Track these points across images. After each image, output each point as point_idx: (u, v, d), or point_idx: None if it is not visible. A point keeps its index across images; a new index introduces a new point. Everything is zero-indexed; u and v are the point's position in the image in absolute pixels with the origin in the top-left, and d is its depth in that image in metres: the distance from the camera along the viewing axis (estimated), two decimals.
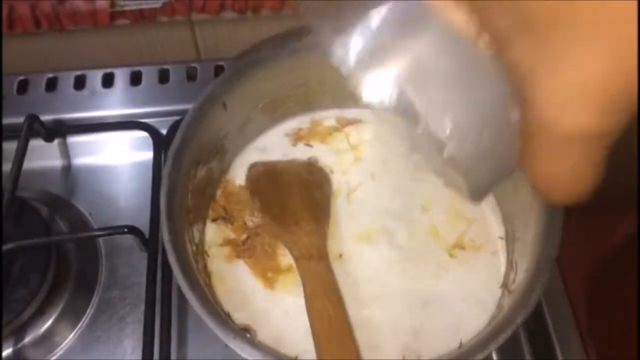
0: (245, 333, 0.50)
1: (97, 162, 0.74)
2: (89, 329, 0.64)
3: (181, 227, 0.52)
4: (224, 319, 0.47)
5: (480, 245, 0.60)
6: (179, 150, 0.53)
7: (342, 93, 0.66)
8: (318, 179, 0.63)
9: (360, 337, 0.52)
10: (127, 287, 0.66)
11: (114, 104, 0.76)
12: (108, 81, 0.78)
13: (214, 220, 0.61)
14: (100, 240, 0.68)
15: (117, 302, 0.65)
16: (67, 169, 0.74)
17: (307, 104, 0.67)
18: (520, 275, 0.52)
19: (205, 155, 0.57)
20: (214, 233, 0.60)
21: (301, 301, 0.53)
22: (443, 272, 0.58)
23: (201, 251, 0.58)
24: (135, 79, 0.78)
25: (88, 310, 0.65)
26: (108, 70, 0.77)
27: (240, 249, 0.58)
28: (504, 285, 0.56)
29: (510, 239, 0.59)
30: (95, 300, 0.66)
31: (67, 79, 0.78)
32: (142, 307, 0.61)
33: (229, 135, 0.61)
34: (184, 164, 0.53)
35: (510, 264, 0.57)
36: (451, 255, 0.59)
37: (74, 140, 0.74)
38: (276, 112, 0.65)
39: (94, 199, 0.71)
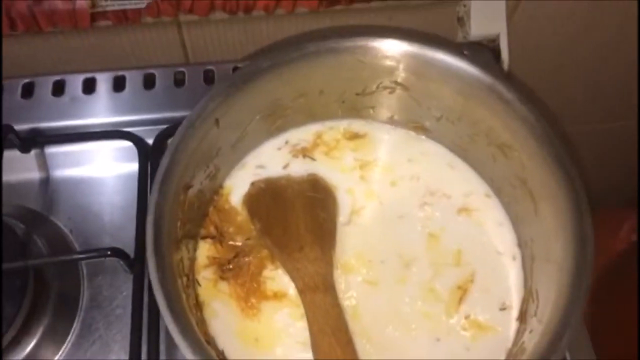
0: None
1: (77, 174, 0.68)
2: (70, 357, 0.58)
3: (169, 261, 0.46)
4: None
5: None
6: (167, 175, 0.48)
7: (349, 103, 0.60)
8: (323, 197, 0.58)
9: None
10: (112, 311, 0.61)
11: (96, 112, 0.71)
12: (89, 87, 0.72)
13: (204, 238, 0.56)
14: (82, 265, 0.63)
15: (101, 327, 0.60)
16: (46, 182, 0.68)
17: (309, 115, 0.62)
18: (546, 309, 0.47)
19: (195, 178, 0.52)
20: (204, 254, 0.56)
21: (300, 332, 0.48)
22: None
23: (192, 281, 0.53)
24: (119, 85, 0.72)
25: (69, 337, 0.59)
26: (89, 75, 0.73)
27: (225, 268, 0.54)
28: (521, 318, 0.51)
29: (527, 265, 0.54)
30: (77, 325, 0.60)
31: (45, 85, 0.72)
32: (129, 334, 0.56)
33: (222, 153, 0.56)
34: (172, 190, 0.48)
35: (529, 293, 0.52)
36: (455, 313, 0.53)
37: (52, 150, 0.68)
38: (274, 125, 0.60)
39: (74, 215, 0.66)
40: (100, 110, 0.70)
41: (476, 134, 0.57)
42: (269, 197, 0.58)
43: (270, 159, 0.61)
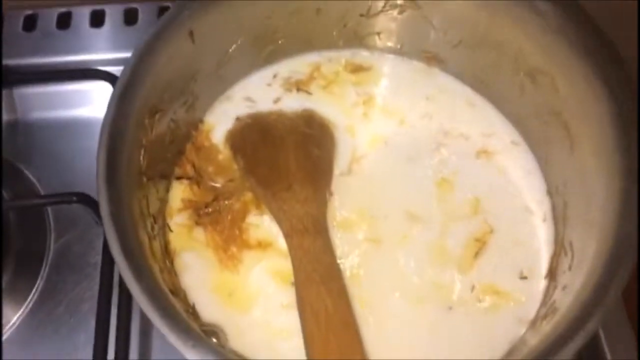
0: (210, 338, 0.37)
1: (49, 117, 0.61)
2: (31, 318, 0.52)
3: (128, 194, 0.39)
4: (180, 319, 0.34)
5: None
6: (127, 91, 0.40)
7: (351, 28, 0.52)
8: (318, 134, 0.50)
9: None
10: (81, 269, 0.54)
11: (71, 49, 0.64)
12: (64, 22, 0.65)
13: (179, 179, 0.48)
14: (49, 211, 0.56)
15: (68, 286, 0.53)
16: (14, 126, 0.61)
17: (304, 43, 0.53)
18: (583, 263, 0.38)
19: (165, 101, 0.44)
20: (178, 196, 0.48)
21: (284, 292, 0.41)
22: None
23: (161, 225, 0.45)
24: (97, 20, 0.65)
25: (31, 296, 0.53)
26: (64, 10, 0.66)
27: (202, 212, 0.46)
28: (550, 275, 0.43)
29: (559, 215, 0.46)
30: (40, 283, 0.53)
31: (16, 19, 0.65)
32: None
33: (200, 77, 0.48)
34: (133, 111, 0.40)
35: (561, 247, 0.44)
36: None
37: (22, 91, 0.62)
38: (264, 51, 0.52)
39: (44, 162, 0.59)
40: (76, 47, 0.64)
41: (501, 61, 0.48)
42: (255, 134, 0.50)
43: (259, 92, 0.53)
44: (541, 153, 0.48)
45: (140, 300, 0.34)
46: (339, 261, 0.44)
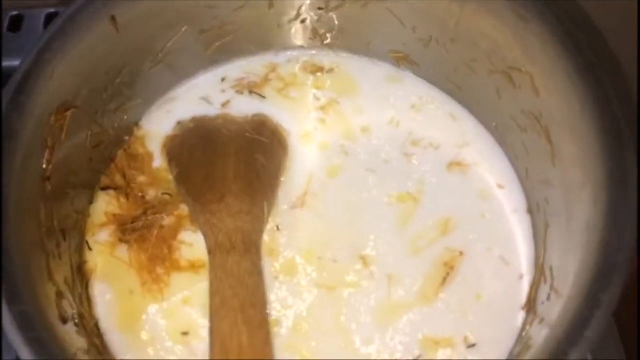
0: None
1: None
2: None
3: (21, 202, 0.32)
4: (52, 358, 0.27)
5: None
6: (27, 81, 0.33)
7: (309, 25, 0.46)
8: (269, 141, 0.44)
9: None
10: None
11: None
12: None
13: (105, 189, 0.42)
14: None
15: None
16: None
17: (258, 41, 0.48)
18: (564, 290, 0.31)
19: (82, 98, 0.38)
20: (101, 209, 0.42)
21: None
22: None
23: (77, 242, 0.39)
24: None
25: None
26: None
27: (128, 228, 0.40)
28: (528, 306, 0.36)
29: (540, 236, 0.39)
30: None
31: None
32: None
33: (132, 74, 0.42)
34: (34, 104, 0.34)
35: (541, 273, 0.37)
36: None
37: None
38: (211, 48, 0.46)
39: None
40: None
41: (476, 60, 0.42)
42: (196, 139, 0.44)
43: (206, 94, 0.47)
44: (521, 165, 0.42)
45: (8, 329, 0.27)
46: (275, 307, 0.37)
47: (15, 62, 0.54)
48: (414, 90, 0.47)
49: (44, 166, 0.35)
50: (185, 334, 0.37)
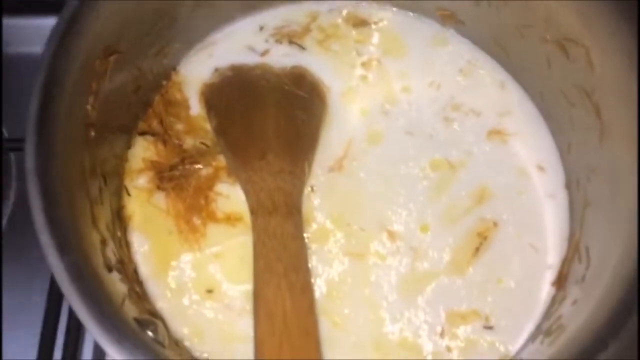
0: (146, 330, 0.31)
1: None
2: None
3: (67, 149, 0.32)
4: (107, 306, 0.28)
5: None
6: (72, 26, 0.33)
7: None
8: (308, 96, 0.43)
9: None
10: None
11: None
12: None
13: (142, 134, 0.42)
14: (12, 157, 0.50)
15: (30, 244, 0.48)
16: None
17: None
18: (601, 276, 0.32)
19: (126, 42, 0.37)
20: (139, 155, 0.42)
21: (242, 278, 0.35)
22: None
23: (116, 187, 0.39)
24: None
25: None
26: None
27: (166, 175, 0.40)
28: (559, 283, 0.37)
29: (577, 213, 0.39)
30: None
31: None
32: None
33: (174, 18, 0.41)
34: (79, 49, 0.33)
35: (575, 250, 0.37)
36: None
37: None
38: None
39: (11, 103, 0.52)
40: None
41: (528, 25, 0.40)
42: (234, 89, 0.44)
43: (244, 41, 0.46)
44: (564, 139, 0.41)
45: (61, 280, 0.28)
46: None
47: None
48: (457, 51, 0.46)
49: (89, 111, 0.35)
50: (209, 291, 0.38)
